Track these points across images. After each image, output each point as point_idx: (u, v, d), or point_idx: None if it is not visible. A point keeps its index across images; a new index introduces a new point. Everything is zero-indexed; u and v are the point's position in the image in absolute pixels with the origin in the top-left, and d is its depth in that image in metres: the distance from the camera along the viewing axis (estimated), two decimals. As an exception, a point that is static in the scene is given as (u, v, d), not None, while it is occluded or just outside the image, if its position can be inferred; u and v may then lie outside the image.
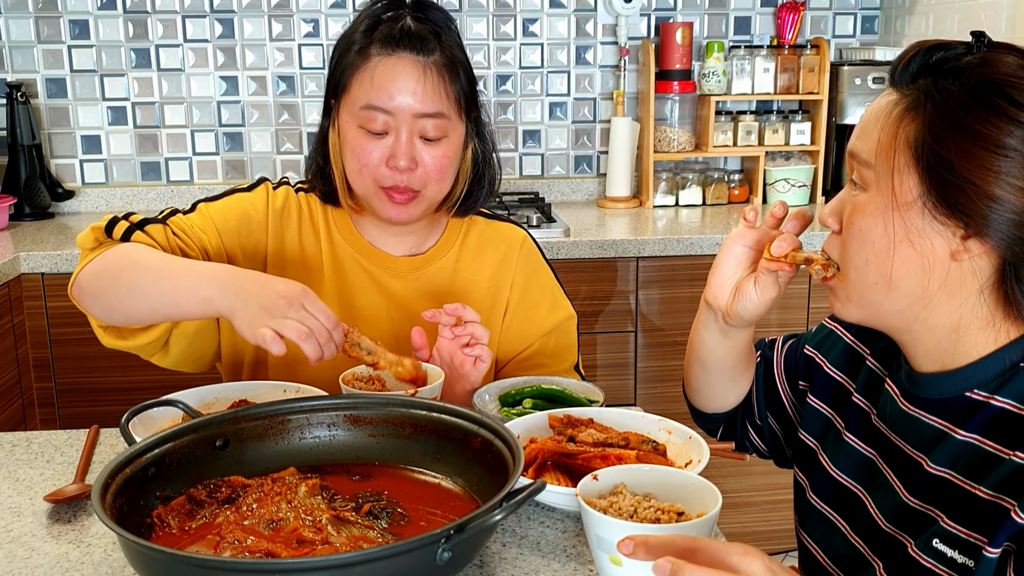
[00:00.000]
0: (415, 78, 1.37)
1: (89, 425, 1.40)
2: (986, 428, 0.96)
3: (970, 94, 0.90)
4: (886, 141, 0.94)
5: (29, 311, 2.54)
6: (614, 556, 0.90)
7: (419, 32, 1.38)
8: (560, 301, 1.58)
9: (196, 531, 1.01)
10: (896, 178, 0.93)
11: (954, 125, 0.90)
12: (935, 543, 0.96)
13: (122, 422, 1.12)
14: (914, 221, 0.93)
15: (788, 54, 3.15)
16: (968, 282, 0.94)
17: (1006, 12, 2.66)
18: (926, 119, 0.91)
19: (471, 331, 1.34)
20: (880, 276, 0.96)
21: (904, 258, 0.94)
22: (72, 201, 3.14)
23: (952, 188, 0.90)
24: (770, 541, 2.88)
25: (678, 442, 1.19)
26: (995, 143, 0.89)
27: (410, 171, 1.39)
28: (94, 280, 1.35)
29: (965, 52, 0.94)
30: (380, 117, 1.37)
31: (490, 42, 3.21)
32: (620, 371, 2.77)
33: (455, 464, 1.12)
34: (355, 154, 1.40)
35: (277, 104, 3.18)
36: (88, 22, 3.06)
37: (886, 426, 1.09)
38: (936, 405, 1.01)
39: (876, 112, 0.97)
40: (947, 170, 0.90)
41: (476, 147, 1.50)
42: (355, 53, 1.39)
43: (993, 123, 0.89)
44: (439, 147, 1.41)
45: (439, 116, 1.39)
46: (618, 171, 3.18)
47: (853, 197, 0.99)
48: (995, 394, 0.96)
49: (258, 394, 1.34)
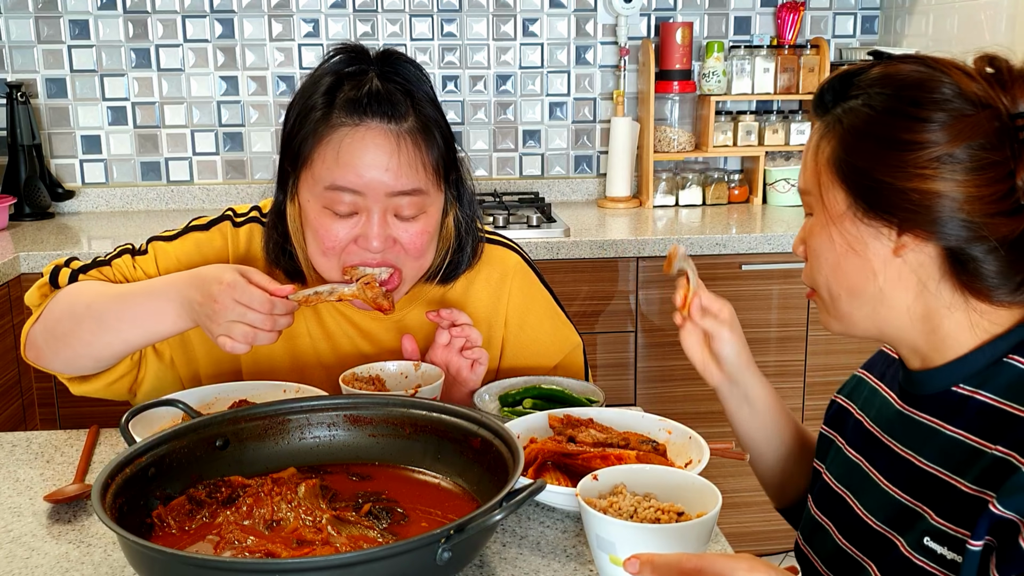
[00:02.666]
0: (387, 151, 1.21)
1: (89, 425, 1.40)
2: (971, 423, 0.98)
3: (869, 104, 0.98)
4: (812, 166, 1.03)
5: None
6: (614, 556, 0.90)
7: (388, 94, 1.22)
8: (562, 331, 1.49)
9: (196, 531, 1.01)
10: (826, 196, 1.01)
11: (861, 135, 0.98)
12: (926, 541, 0.97)
13: (122, 422, 1.12)
14: (850, 230, 1.00)
15: (788, 54, 3.15)
16: (918, 272, 0.99)
17: (1006, 12, 2.66)
18: (839, 137, 1.00)
19: (466, 333, 1.33)
20: (842, 288, 1.03)
21: (854, 266, 1.01)
22: (72, 201, 3.15)
23: (872, 192, 0.97)
24: (770, 541, 2.88)
25: (678, 442, 1.19)
26: (897, 141, 0.95)
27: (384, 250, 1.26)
28: (50, 336, 1.30)
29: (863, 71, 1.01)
30: (347, 197, 1.22)
31: (490, 42, 3.21)
32: (620, 371, 2.77)
33: (455, 464, 1.12)
34: (318, 237, 1.25)
35: (277, 104, 3.18)
36: (88, 22, 3.06)
37: (880, 429, 1.11)
38: (928, 402, 1.04)
39: (807, 146, 1.06)
40: (863, 176, 0.97)
41: (458, 215, 1.35)
42: (317, 120, 1.23)
43: (890, 124, 0.96)
44: (416, 224, 1.26)
45: (416, 193, 1.24)
46: (618, 171, 3.18)
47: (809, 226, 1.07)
48: (980, 389, 0.98)
49: (258, 394, 1.34)
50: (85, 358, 1.30)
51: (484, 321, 1.45)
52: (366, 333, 1.43)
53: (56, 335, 1.30)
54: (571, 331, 1.51)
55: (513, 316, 1.46)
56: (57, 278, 1.36)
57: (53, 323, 1.31)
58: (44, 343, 1.32)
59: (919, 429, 1.04)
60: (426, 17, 3.16)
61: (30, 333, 1.33)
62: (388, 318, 1.40)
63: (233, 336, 1.17)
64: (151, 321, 1.25)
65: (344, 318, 1.42)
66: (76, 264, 1.37)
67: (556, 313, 1.50)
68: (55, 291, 1.35)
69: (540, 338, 1.47)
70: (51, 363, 1.33)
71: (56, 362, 1.32)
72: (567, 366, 1.50)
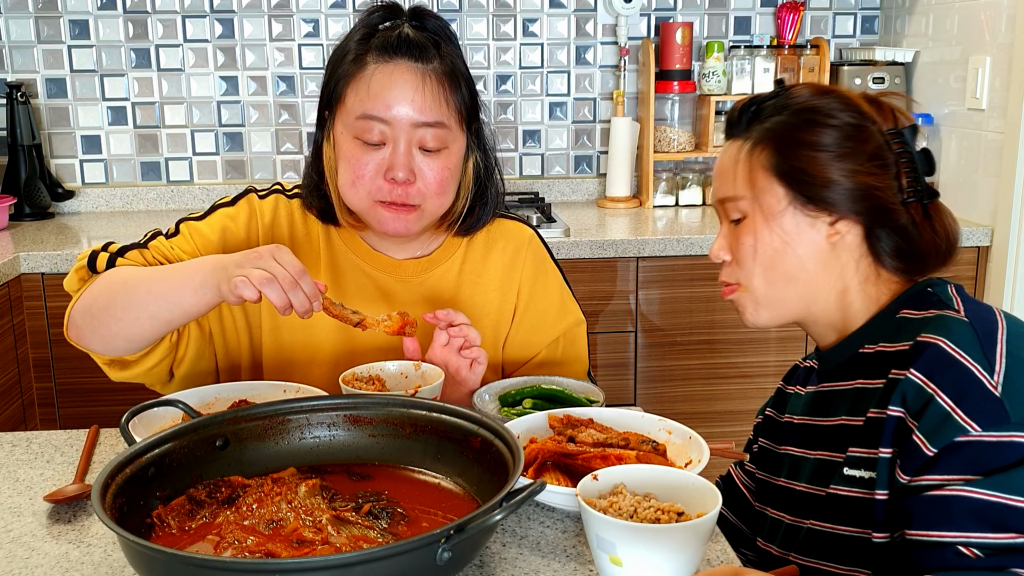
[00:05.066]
0: (413, 86, 1.32)
1: (89, 425, 1.40)
2: (872, 371, 1.14)
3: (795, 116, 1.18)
4: (745, 173, 1.19)
5: (29, 311, 2.54)
6: (614, 556, 0.90)
7: (418, 40, 1.34)
8: (568, 305, 1.54)
9: (196, 531, 1.01)
10: (761, 197, 1.17)
11: (793, 142, 1.16)
12: (845, 471, 1.12)
13: (122, 422, 1.12)
14: (788, 224, 1.16)
15: (788, 54, 3.15)
16: (846, 254, 1.17)
17: (1006, 12, 2.66)
18: (773, 145, 1.17)
19: (464, 333, 1.33)
20: (778, 276, 1.18)
21: (792, 255, 1.17)
22: (72, 201, 3.15)
23: (809, 187, 1.15)
24: (770, 541, 2.88)
25: (678, 442, 1.19)
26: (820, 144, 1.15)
27: (408, 184, 1.34)
28: (87, 314, 1.32)
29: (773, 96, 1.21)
30: (377, 127, 1.32)
31: (490, 42, 3.21)
32: (620, 371, 2.77)
33: (455, 464, 1.12)
34: (350, 166, 1.34)
35: (277, 104, 3.18)
36: (88, 22, 3.06)
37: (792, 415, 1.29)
38: (840, 370, 1.21)
39: (729, 160, 1.22)
40: (801, 174, 1.15)
41: (478, 160, 1.44)
42: (350, 62, 1.34)
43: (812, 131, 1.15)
44: (439, 159, 1.35)
45: (439, 126, 1.34)
46: (618, 171, 3.18)
47: (734, 228, 1.21)
48: (879, 343, 1.16)
49: (258, 394, 1.34)
50: (117, 337, 1.31)
51: (498, 289, 1.50)
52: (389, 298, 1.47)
53: (93, 313, 1.31)
54: (576, 307, 1.56)
55: (525, 285, 1.51)
56: (95, 263, 1.37)
57: (92, 301, 1.32)
58: (83, 322, 1.33)
59: (830, 397, 1.21)
60: (426, 17, 3.16)
61: (71, 313, 1.35)
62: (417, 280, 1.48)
63: (250, 276, 1.17)
64: (175, 292, 1.26)
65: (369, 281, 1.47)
66: (114, 247, 1.38)
67: (564, 288, 1.55)
68: (93, 275, 1.37)
69: (547, 308, 1.52)
70: (89, 343, 1.34)
71: (93, 341, 1.33)
72: (570, 340, 1.53)
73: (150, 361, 1.37)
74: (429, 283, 1.48)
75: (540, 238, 1.56)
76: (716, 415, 2.80)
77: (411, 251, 1.49)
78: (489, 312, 1.49)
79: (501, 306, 1.50)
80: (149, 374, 1.40)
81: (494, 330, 1.50)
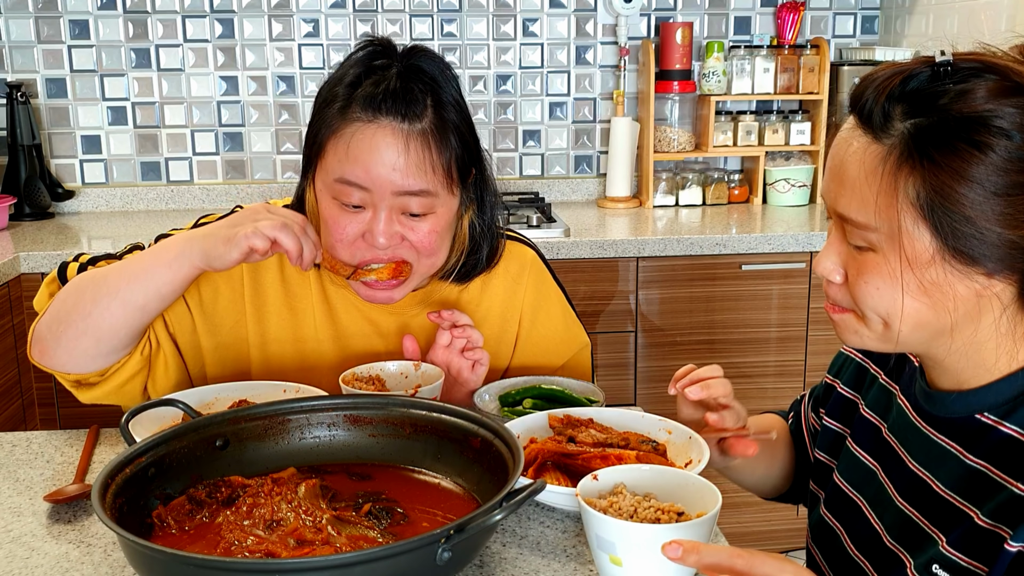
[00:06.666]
0: (396, 151, 1.21)
1: (89, 425, 1.40)
2: (992, 454, 0.94)
3: (962, 137, 0.86)
4: (885, 201, 0.90)
5: (29, 311, 2.54)
6: (614, 556, 0.90)
7: (405, 92, 1.22)
8: (573, 330, 1.49)
9: (196, 531, 1.01)
10: (906, 240, 0.90)
11: (958, 176, 0.86)
12: (935, 568, 0.95)
13: (122, 422, 1.12)
14: (934, 276, 0.91)
15: (788, 54, 3.15)
16: (993, 307, 0.93)
17: (1006, 12, 2.66)
18: (925, 174, 0.88)
19: (467, 334, 1.33)
20: (905, 325, 0.95)
21: (926, 306, 0.93)
22: (72, 201, 3.15)
23: (971, 239, 0.88)
24: (770, 541, 2.88)
25: (678, 442, 1.19)
26: (1005, 185, 0.86)
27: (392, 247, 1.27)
28: (53, 320, 1.25)
29: (932, 77, 0.90)
30: (356, 193, 1.23)
31: (490, 42, 3.21)
32: (620, 371, 2.77)
33: (455, 464, 1.12)
34: (329, 228, 1.27)
35: (277, 104, 3.18)
36: (88, 22, 3.06)
37: (896, 439, 1.08)
38: (947, 425, 1.00)
39: (858, 167, 0.93)
40: (962, 223, 0.87)
41: (473, 218, 1.35)
42: (335, 112, 1.24)
43: (995, 165, 0.86)
44: (425, 223, 1.26)
45: (424, 194, 1.24)
46: (618, 171, 3.18)
47: (858, 255, 0.95)
48: (1005, 419, 0.94)
49: (258, 394, 1.34)
50: (84, 336, 1.23)
51: (499, 316, 1.45)
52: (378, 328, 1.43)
53: (59, 317, 1.25)
54: (581, 331, 1.51)
55: (527, 312, 1.46)
56: (65, 272, 1.33)
57: (58, 305, 1.26)
58: (48, 331, 1.26)
59: (937, 451, 1.01)
60: (426, 17, 3.16)
61: (36, 327, 1.28)
62: (400, 314, 1.41)
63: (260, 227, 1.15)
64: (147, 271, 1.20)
65: (359, 313, 1.42)
66: (85, 257, 1.35)
67: (568, 312, 1.50)
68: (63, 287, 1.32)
69: (551, 335, 1.48)
70: (54, 354, 1.26)
71: (59, 351, 1.25)
72: (574, 365, 1.50)
73: (121, 376, 1.30)
74: (423, 316, 1.42)
75: (542, 258, 1.50)
76: (716, 415, 2.80)
77: None
78: (491, 336, 1.44)
79: (501, 335, 1.46)
80: (120, 392, 1.32)
81: (494, 357, 1.43)
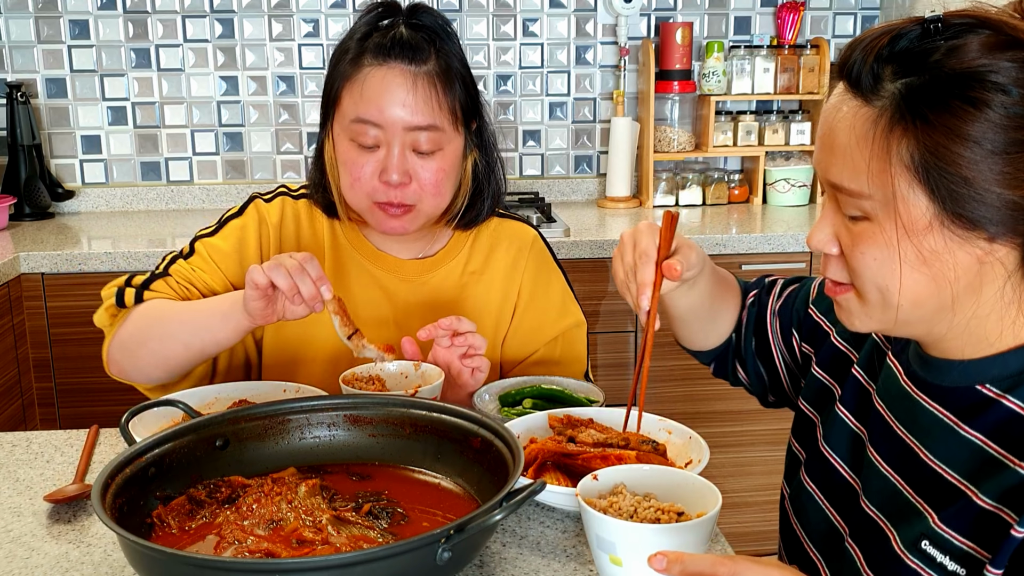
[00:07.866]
0: (405, 89, 1.34)
1: (89, 425, 1.40)
2: (994, 430, 0.90)
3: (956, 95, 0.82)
4: (878, 167, 0.86)
5: (29, 311, 2.54)
6: (614, 556, 0.90)
7: (412, 40, 1.35)
8: (569, 307, 1.55)
9: (196, 531, 1.01)
10: (901, 206, 0.86)
11: (950, 134, 0.82)
12: (923, 544, 0.91)
13: (122, 422, 1.12)
14: (933, 243, 0.87)
15: (788, 54, 3.15)
16: (996, 274, 0.89)
17: (1006, 12, 2.66)
18: (919, 135, 0.84)
19: (469, 341, 1.33)
20: (904, 299, 0.90)
21: (927, 278, 0.88)
22: (72, 201, 3.15)
23: (970, 202, 0.84)
24: (771, 541, 2.88)
25: (678, 442, 1.19)
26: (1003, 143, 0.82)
27: (404, 186, 1.36)
28: (124, 350, 1.40)
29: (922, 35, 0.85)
30: (371, 131, 1.35)
31: (490, 42, 3.21)
32: (620, 371, 2.77)
33: (455, 464, 1.12)
34: (347, 168, 1.38)
35: (277, 104, 3.18)
36: (88, 22, 3.06)
37: (885, 406, 1.03)
38: (943, 394, 0.95)
39: (848, 133, 0.89)
40: (960, 185, 0.83)
41: (477, 159, 1.46)
42: (347, 63, 1.37)
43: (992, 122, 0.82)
44: (434, 160, 1.38)
45: (431, 128, 1.36)
46: (618, 171, 3.18)
47: (852, 225, 0.92)
48: (1008, 393, 0.90)
49: (258, 394, 1.34)
50: (155, 368, 1.39)
51: (501, 287, 1.52)
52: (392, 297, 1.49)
53: (130, 348, 1.39)
54: (577, 309, 1.57)
55: (527, 284, 1.53)
56: (123, 298, 1.41)
57: (127, 337, 1.39)
58: (121, 357, 1.41)
59: (930, 420, 0.96)
60: (426, 17, 3.16)
61: (109, 350, 1.42)
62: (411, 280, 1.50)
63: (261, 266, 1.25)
64: (204, 323, 1.33)
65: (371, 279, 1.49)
66: (138, 280, 1.43)
67: (566, 290, 1.57)
68: (122, 310, 1.42)
69: (548, 308, 1.53)
70: (131, 375, 1.42)
71: (134, 373, 1.41)
72: (567, 341, 1.54)
73: (194, 377, 1.43)
74: (432, 283, 1.50)
75: (544, 240, 1.58)
76: (716, 415, 2.80)
77: (415, 251, 1.51)
78: (491, 310, 1.51)
79: (502, 304, 1.52)
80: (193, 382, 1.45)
81: (494, 328, 1.51)
